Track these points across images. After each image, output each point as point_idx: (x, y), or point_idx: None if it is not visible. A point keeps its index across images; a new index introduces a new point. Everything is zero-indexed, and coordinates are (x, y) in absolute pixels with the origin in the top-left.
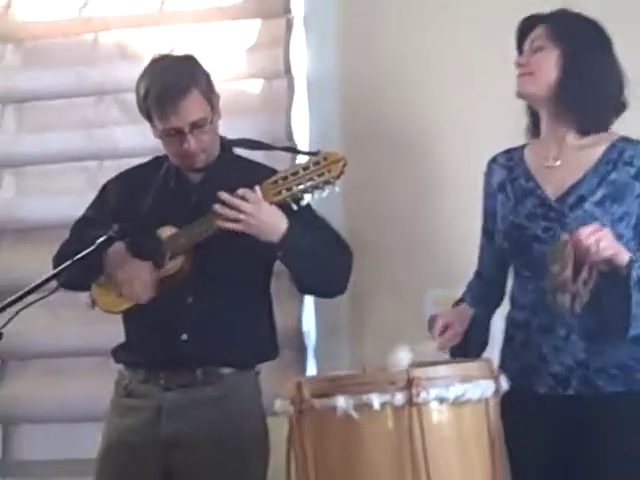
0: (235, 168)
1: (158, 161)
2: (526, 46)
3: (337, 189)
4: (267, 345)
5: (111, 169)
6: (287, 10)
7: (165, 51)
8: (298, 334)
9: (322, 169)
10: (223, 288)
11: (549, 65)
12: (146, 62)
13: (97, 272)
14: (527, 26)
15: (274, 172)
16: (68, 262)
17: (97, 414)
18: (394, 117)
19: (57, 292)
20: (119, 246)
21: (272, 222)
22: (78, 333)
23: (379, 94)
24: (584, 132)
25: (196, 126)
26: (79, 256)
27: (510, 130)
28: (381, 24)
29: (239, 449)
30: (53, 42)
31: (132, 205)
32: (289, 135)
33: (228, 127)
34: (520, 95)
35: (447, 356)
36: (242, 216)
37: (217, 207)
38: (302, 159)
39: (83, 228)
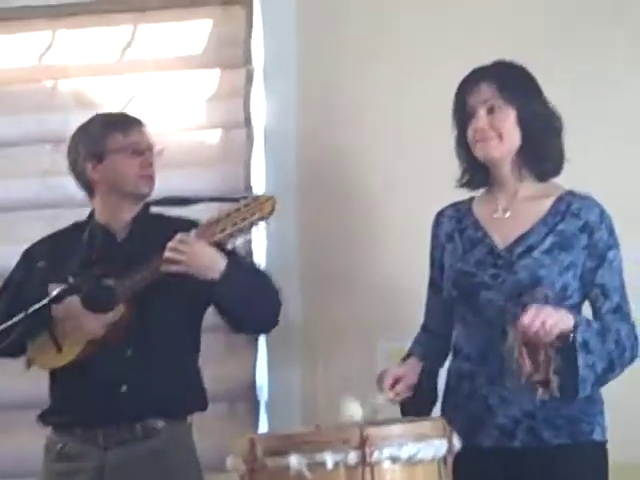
0: (157, 223)
1: (79, 226)
2: (478, 107)
3: (269, 225)
4: (198, 395)
5: (67, 218)
6: (247, 61)
7: (124, 100)
8: (251, 388)
9: (253, 209)
10: (159, 339)
11: (511, 126)
12: (105, 110)
13: (40, 328)
14: (469, 86)
15: (195, 223)
16: (20, 316)
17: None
18: (351, 168)
19: None
20: (69, 300)
21: (211, 260)
22: (25, 386)
23: (337, 146)
24: (543, 178)
25: (151, 149)
26: (34, 308)
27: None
28: (340, 76)
29: None
30: (12, 89)
31: (61, 267)
32: (247, 185)
33: (186, 177)
34: (485, 160)
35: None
36: (182, 257)
37: (166, 252)
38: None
39: (12, 294)
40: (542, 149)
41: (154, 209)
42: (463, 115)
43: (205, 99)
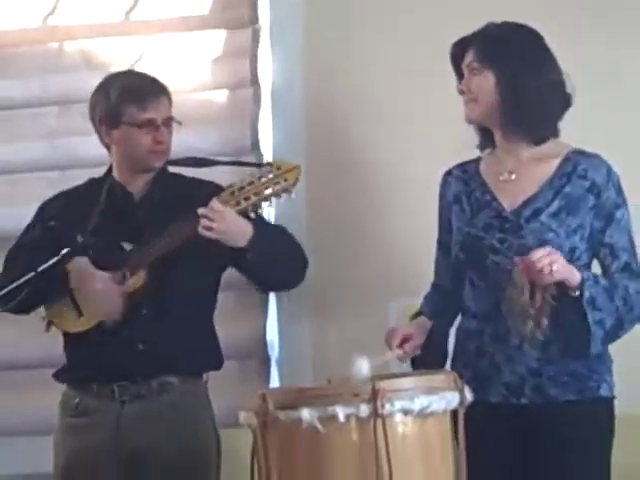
0: (176, 183)
1: (96, 182)
2: (464, 70)
3: (293, 196)
4: (213, 354)
5: (74, 179)
6: (253, 21)
7: (130, 61)
8: (262, 344)
9: (278, 178)
10: (176, 299)
11: (488, 89)
12: (111, 71)
13: (58, 289)
14: (459, 50)
15: (216, 185)
16: (30, 275)
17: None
18: (358, 127)
19: None
20: (81, 261)
21: (239, 228)
22: (36, 345)
23: (344, 105)
24: (537, 142)
25: (166, 123)
26: (42, 268)
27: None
28: (347, 36)
29: (195, 459)
30: (17, 51)
31: (77, 224)
32: (255, 144)
33: (193, 137)
34: (469, 121)
35: (408, 367)
36: (213, 224)
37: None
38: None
39: (27, 252)
40: (520, 113)
41: (172, 168)
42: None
43: (212, 59)
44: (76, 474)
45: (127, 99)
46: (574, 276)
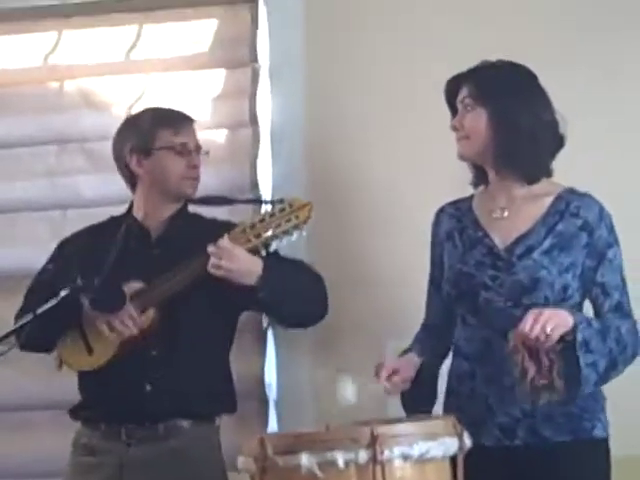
0: (193, 224)
1: (115, 221)
2: (458, 106)
3: (304, 233)
4: (226, 397)
5: (75, 219)
6: (253, 60)
7: (130, 100)
8: (260, 386)
9: (289, 215)
10: (187, 340)
11: (480, 127)
12: (111, 111)
13: (69, 326)
14: (454, 87)
15: (232, 225)
16: (29, 317)
17: (61, 468)
18: (359, 166)
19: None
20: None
21: (247, 265)
22: (41, 386)
23: (343, 144)
24: (530, 181)
25: (198, 150)
26: (41, 310)
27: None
28: (347, 74)
29: None
30: (17, 90)
31: (94, 263)
32: (254, 185)
33: None
34: (461, 158)
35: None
36: (221, 262)
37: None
38: (267, 208)
39: (43, 289)
40: (513, 152)
41: (191, 208)
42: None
43: (211, 98)
44: None
45: (161, 123)
46: (568, 324)
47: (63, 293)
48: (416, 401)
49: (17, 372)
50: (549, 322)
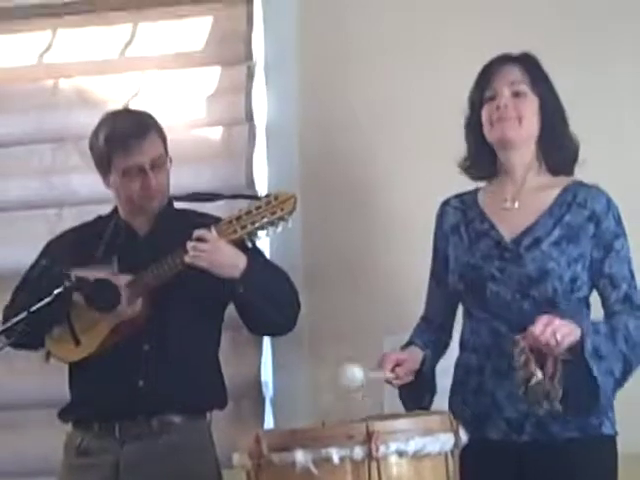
0: (181, 219)
1: (102, 220)
2: (503, 88)
3: (290, 225)
4: (217, 392)
5: (70, 217)
6: (248, 57)
7: (126, 98)
8: (257, 384)
9: (274, 207)
10: (176, 335)
11: (533, 113)
12: (107, 109)
13: (59, 321)
14: (499, 64)
15: (217, 219)
16: (23, 315)
17: (55, 467)
18: (352, 164)
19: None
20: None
21: (231, 258)
22: (33, 385)
23: (338, 141)
24: (556, 172)
25: (155, 165)
26: (35, 308)
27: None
28: (341, 71)
29: None
30: (13, 88)
31: (82, 261)
32: (249, 182)
33: (188, 174)
34: (500, 140)
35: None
36: (202, 254)
37: (188, 244)
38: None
39: (27, 290)
40: (560, 141)
41: (178, 204)
42: (482, 96)
43: (207, 96)
44: None
45: (111, 147)
46: (577, 333)
47: (57, 291)
48: (416, 395)
49: (8, 371)
50: (560, 329)
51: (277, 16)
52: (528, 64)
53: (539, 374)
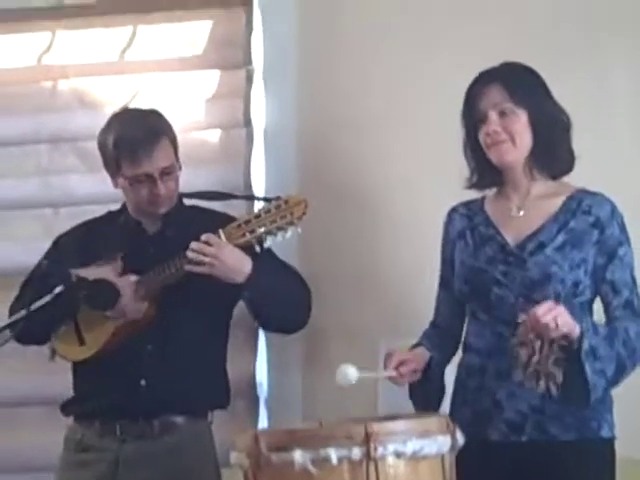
0: (191, 217)
1: (112, 215)
2: (490, 111)
3: (299, 230)
4: (219, 393)
5: (66, 217)
6: (247, 62)
7: (124, 100)
8: (251, 384)
9: (284, 211)
10: (180, 336)
11: (523, 128)
12: (105, 111)
13: (66, 319)
14: (477, 91)
15: (230, 218)
16: (23, 312)
17: (50, 463)
18: (350, 168)
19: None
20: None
21: (236, 263)
22: (28, 383)
23: (336, 145)
24: (555, 176)
25: (165, 173)
26: (35, 306)
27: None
28: (340, 76)
29: None
30: (11, 89)
31: (90, 257)
32: (247, 185)
33: (187, 177)
34: (499, 164)
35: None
36: (206, 259)
37: (188, 252)
38: (262, 205)
39: (32, 287)
40: (553, 149)
41: (188, 201)
42: (473, 119)
43: (205, 99)
44: None
45: (121, 152)
46: (575, 328)
47: (57, 290)
48: (425, 396)
49: (6, 368)
50: (562, 316)
51: (276, 21)
52: (509, 79)
53: (538, 355)
